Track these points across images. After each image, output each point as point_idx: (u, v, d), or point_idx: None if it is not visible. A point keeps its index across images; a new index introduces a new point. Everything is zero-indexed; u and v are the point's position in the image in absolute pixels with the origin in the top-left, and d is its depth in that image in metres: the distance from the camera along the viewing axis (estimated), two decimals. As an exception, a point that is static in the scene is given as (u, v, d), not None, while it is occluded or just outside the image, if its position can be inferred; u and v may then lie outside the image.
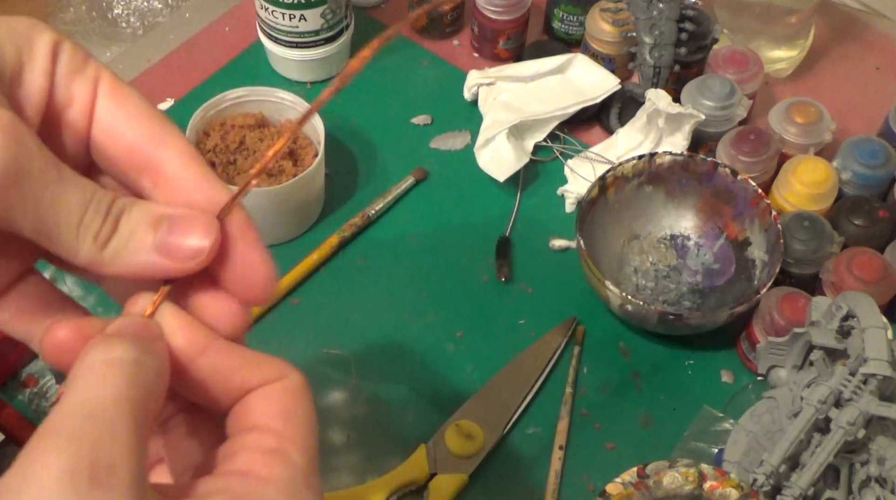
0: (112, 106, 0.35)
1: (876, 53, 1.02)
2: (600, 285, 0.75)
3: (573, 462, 0.73)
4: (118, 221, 0.33)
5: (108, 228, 0.33)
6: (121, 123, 0.35)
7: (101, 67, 0.36)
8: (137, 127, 0.35)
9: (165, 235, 0.33)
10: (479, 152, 0.88)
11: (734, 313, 0.73)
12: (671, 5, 0.87)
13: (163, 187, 0.35)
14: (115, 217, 0.33)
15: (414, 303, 0.81)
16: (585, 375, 0.77)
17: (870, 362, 0.62)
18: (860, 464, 0.64)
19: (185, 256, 0.33)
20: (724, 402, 0.76)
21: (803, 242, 0.77)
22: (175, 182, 0.35)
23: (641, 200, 0.83)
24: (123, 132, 0.35)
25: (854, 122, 0.92)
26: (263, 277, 0.35)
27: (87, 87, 0.35)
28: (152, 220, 0.33)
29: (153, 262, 0.33)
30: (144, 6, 1.52)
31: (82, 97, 0.35)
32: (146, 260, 0.33)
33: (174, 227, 0.33)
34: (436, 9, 0.95)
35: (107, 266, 0.34)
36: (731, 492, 0.61)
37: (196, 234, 0.33)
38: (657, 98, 0.83)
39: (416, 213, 0.87)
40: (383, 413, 0.75)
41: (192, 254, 0.33)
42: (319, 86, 0.95)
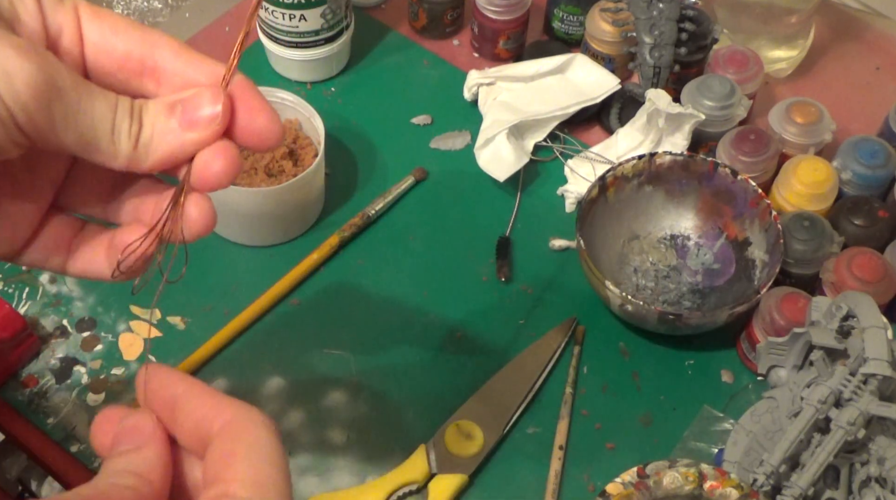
0: (97, 26, 0.39)
1: (876, 53, 1.02)
2: (600, 285, 0.75)
3: (573, 462, 0.73)
4: (141, 119, 0.37)
5: (135, 126, 0.37)
6: (110, 39, 0.39)
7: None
8: (125, 38, 0.39)
9: (182, 114, 0.38)
10: (479, 152, 0.88)
11: (734, 313, 0.73)
12: (671, 5, 0.87)
13: (166, 83, 0.39)
14: (138, 115, 0.37)
15: (414, 303, 0.81)
16: (585, 375, 0.77)
17: (870, 362, 0.62)
18: (860, 464, 0.64)
19: (205, 123, 0.38)
20: (724, 402, 0.76)
21: (803, 242, 0.77)
22: (175, 74, 0.39)
23: (641, 200, 0.83)
24: (115, 45, 0.39)
25: (854, 122, 0.92)
26: (267, 120, 0.39)
27: (70, 15, 0.38)
28: (167, 107, 0.38)
29: (181, 141, 0.38)
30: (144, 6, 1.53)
31: (69, 25, 0.38)
32: (175, 141, 0.38)
33: (187, 105, 0.38)
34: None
35: (143, 161, 0.38)
36: (731, 492, 0.61)
37: (207, 103, 0.38)
38: (657, 98, 0.83)
39: (416, 213, 0.87)
40: (383, 413, 0.75)
41: (209, 120, 0.38)
42: (319, 86, 0.95)
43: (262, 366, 0.77)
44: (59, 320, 0.78)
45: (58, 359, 0.76)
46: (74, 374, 0.75)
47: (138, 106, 0.38)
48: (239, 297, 0.79)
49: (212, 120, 0.38)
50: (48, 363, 0.76)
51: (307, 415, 0.74)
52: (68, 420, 0.73)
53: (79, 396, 0.74)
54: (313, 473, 0.72)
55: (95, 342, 0.77)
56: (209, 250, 0.82)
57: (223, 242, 0.83)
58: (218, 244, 0.83)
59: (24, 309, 0.78)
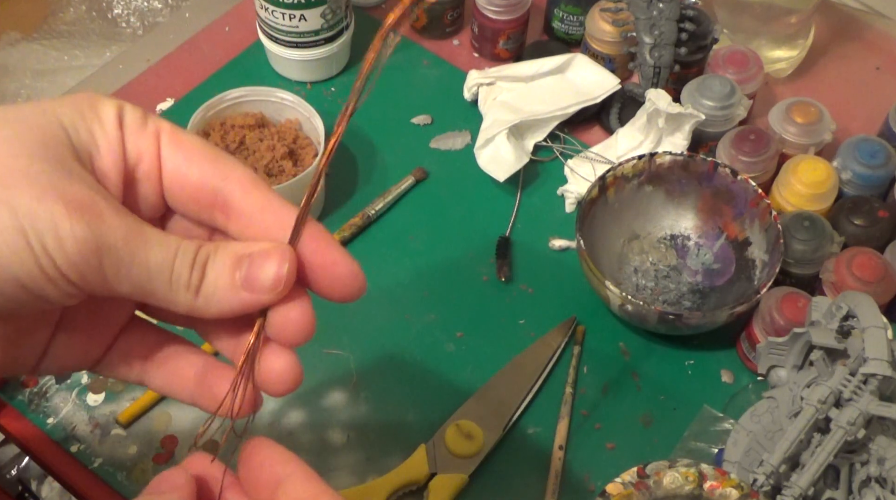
0: (174, 152, 0.38)
1: (876, 53, 1.02)
2: (600, 285, 0.75)
3: (573, 462, 0.73)
4: (205, 269, 0.36)
5: (196, 276, 0.36)
6: (184, 167, 0.38)
7: (160, 121, 0.39)
8: (198, 167, 0.38)
9: (247, 272, 0.37)
10: (479, 152, 0.88)
11: (734, 313, 0.73)
12: (671, 5, 0.87)
13: (234, 219, 0.38)
14: (201, 265, 0.36)
15: (414, 303, 0.81)
16: (585, 375, 0.77)
17: (870, 362, 0.62)
18: (860, 464, 0.64)
19: (267, 287, 0.37)
20: (724, 402, 0.76)
21: (803, 242, 0.77)
22: (244, 212, 0.38)
23: (641, 200, 0.83)
24: (187, 175, 0.38)
25: (854, 122, 0.92)
26: (347, 271, 0.39)
27: (151, 141, 0.38)
28: (234, 260, 0.37)
29: (241, 299, 0.37)
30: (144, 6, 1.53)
31: (149, 152, 0.38)
32: (235, 299, 0.37)
33: (253, 262, 0.37)
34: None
35: (203, 311, 0.37)
36: (731, 492, 0.61)
37: (273, 265, 0.37)
38: (657, 98, 0.83)
39: (416, 213, 0.87)
40: (383, 413, 0.75)
41: (272, 284, 0.37)
42: (319, 86, 0.95)
43: (262, 366, 0.77)
44: (59, 320, 0.78)
45: (58, 359, 0.76)
46: (74, 374, 0.75)
47: (204, 254, 0.37)
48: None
49: (275, 285, 0.37)
50: (48, 363, 0.76)
51: (307, 415, 0.74)
52: (68, 420, 0.73)
53: (79, 396, 0.74)
54: (313, 473, 0.72)
55: (95, 342, 0.77)
56: (209, 250, 0.82)
57: (223, 242, 0.83)
58: (218, 244, 0.83)
59: (24, 309, 0.78)
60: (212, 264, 0.37)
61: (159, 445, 0.72)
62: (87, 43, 1.49)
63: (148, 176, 0.38)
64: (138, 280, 0.35)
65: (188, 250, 0.36)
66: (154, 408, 0.74)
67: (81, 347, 0.40)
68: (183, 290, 0.36)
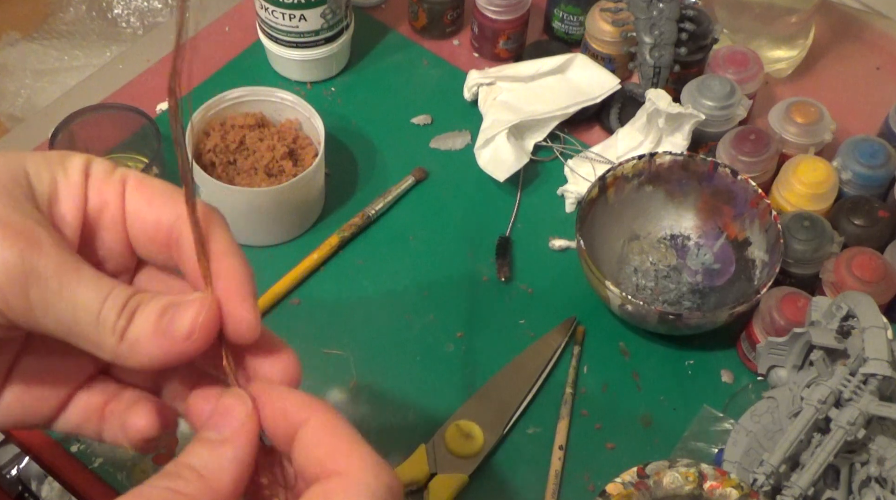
0: (137, 197, 0.38)
1: (876, 53, 1.02)
2: (600, 285, 0.75)
3: (573, 462, 0.73)
4: (133, 316, 0.36)
5: (122, 322, 0.36)
6: (144, 209, 0.38)
7: (128, 171, 0.39)
8: (156, 207, 0.38)
9: (168, 323, 0.36)
10: (479, 152, 0.88)
11: (734, 313, 0.73)
12: (671, 5, 0.87)
13: (184, 258, 0.38)
14: (130, 312, 0.36)
15: (414, 303, 0.81)
16: (585, 375, 0.77)
17: (870, 362, 0.62)
18: (860, 464, 0.64)
19: (182, 335, 0.36)
20: (724, 402, 0.76)
21: (803, 243, 0.77)
22: (187, 250, 0.38)
23: (641, 200, 0.83)
24: (146, 216, 0.38)
25: (854, 122, 0.92)
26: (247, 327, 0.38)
27: (116, 189, 0.38)
28: (162, 309, 0.36)
29: (160, 347, 0.36)
30: (144, 6, 1.53)
31: (114, 200, 0.38)
32: (156, 347, 0.36)
33: (176, 312, 0.36)
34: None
35: (126, 358, 0.36)
36: (731, 492, 0.61)
37: (189, 315, 0.36)
38: (657, 98, 0.83)
39: (416, 213, 0.87)
40: (383, 413, 0.75)
41: (186, 334, 0.36)
42: (319, 86, 0.95)
43: (262, 366, 0.77)
44: (59, 320, 0.78)
45: (58, 359, 0.76)
46: (74, 374, 0.75)
47: (135, 302, 0.36)
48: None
49: (188, 334, 0.36)
50: (48, 363, 0.76)
51: (307, 415, 0.74)
52: (68, 420, 0.73)
53: (79, 396, 0.74)
54: (313, 473, 0.72)
55: (95, 342, 0.77)
56: (209, 250, 0.82)
57: (223, 242, 0.83)
58: (218, 244, 0.83)
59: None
60: (141, 311, 0.36)
61: (159, 445, 0.72)
62: (87, 43, 1.49)
63: (113, 223, 0.38)
64: (64, 316, 0.35)
65: (120, 295, 0.36)
66: (154, 408, 0.74)
67: (35, 401, 0.40)
68: (108, 333, 0.36)
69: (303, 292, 0.81)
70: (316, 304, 0.81)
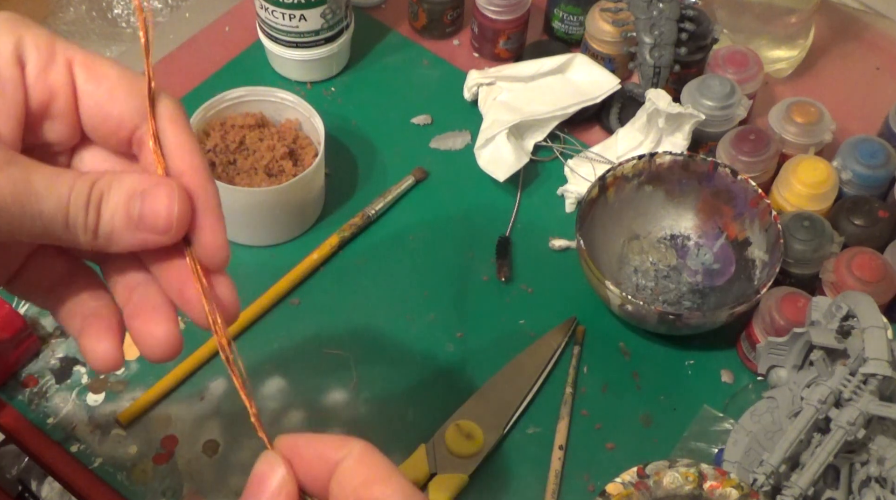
0: (93, 86, 0.37)
1: (876, 53, 1.02)
2: (600, 285, 0.75)
3: (573, 462, 0.73)
4: (99, 209, 0.35)
5: (92, 218, 0.35)
6: (105, 103, 0.37)
7: (71, 49, 0.37)
8: (120, 103, 0.36)
9: (140, 211, 0.35)
10: (479, 152, 0.88)
11: (734, 313, 0.73)
12: (671, 5, 0.87)
13: (146, 156, 0.37)
14: (95, 205, 0.35)
15: (414, 303, 0.81)
16: (585, 375, 0.77)
17: (870, 362, 0.62)
18: (860, 464, 0.64)
19: (161, 228, 0.35)
20: (724, 402, 0.76)
21: (803, 242, 0.77)
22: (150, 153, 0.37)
23: (641, 200, 0.83)
24: (109, 112, 0.37)
25: (854, 122, 0.92)
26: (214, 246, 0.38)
27: (62, 76, 0.36)
28: (127, 200, 0.35)
29: (140, 239, 0.36)
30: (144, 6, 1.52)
31: (63, 88, 0.36)
32: (134, 239, 0.36)
33: (146, 201, 0.35)
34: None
35: (108, 248, 0.36)
36: (731, 492, 0.61)
37: (163, 206, 0.35)
38: (657, 98, 0.83)
39: (416, 213, 0.87)
40: (383, 413, 0.75)
41: (164, 227, 0.35)
42: (319, 86, 0.95)
43: (262, 366, 0.77)
44: (59, 320, 0.78)
45: (58, 359, 0.76)
46: (74, 374, 0.75)
47: (97, 193, 0.35)
48: (239, 297, 0.79)
49: (166, 228, 0.36)
50: (48, 363, 0.76)
51: (307, 415, 0.74)
52: (68, 420, 0.73)
53: (79, 396, 0.74)
54: (313, 473, 0.72)
55: (95, 342, 0.77)
56: (209, 250, 0.82)
57: (223, 242, 0.83)
58: (218, 244, 0.83)
59: (24, 309, 0.78)
60: (105, 203, 0.35)
61: (159, 445, 0.72)
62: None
63: (63, 113, 0.37)
64: (36, 230, 0.34)
65: (81, 192, 0.35)
66: (154, 408, 0.74)
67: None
68: (81, 232, 0.35)
69: (303, 292, 0.81)
70: (316, 304, 0.81)
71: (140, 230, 0.35)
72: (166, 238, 0.36)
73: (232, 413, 0.74)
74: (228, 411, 0.74)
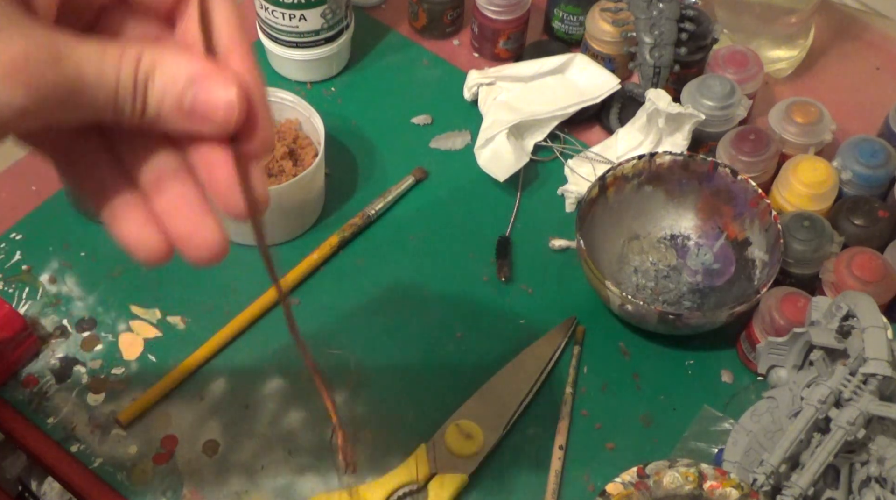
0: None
1: (876, 53, 1.02)
2: (600, 285, 0.75)
3: (573, 462, 0.73)
4: (146, 92, 0.34)
5: (139, 103, 0.34)
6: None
7: None
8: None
9: (190, 102, 0.34)
10: (479, 152, 0.88)
11: (734, 313, 0.73)
12: (671, 5, 0.87)
13: (188, 25, 0.36)
14: (142, 91, 0.34)
15: (414, 303, 0.81)
16: (585, 375, 0.77)
17: (870, 362, 0.62)
18: (860, 464, 0.64)
19: (219, 121, 0.34)
20: (724, 402, 0.76)
21: (803, 242, 0.77)
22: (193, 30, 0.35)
23: (641, 200, 0.83)
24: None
25: (854, 122, 0.92)
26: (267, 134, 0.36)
27: None
28: (174, 84, 0.34)
29: (191, 127, 0.34)
30: None
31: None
32: (181, 126, 0.34)
33: (199, 93, 0.34)
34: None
35: (159, 127, 0.35)
36: (731, 492, 0.61)
37: (220, 100, 0.34)
38: (657, 98, 0.83)
39: (416, 213, 0.87)
40: (383, 413, 0.75)
41: (224, 120, 0.34)
42: (319, 86, 0.95)
43: (262, 366, 0.77)
44: (59, 319, 0.78)
45: (58, 359, 0.76)
46: (74, 374, 0.75)
47: (143, 77, 0.34)
48: (239, 297, 0.80)
49: (225, 122, 0.34)
50: (48, 363, 0.76)
51: (307, 415, 0.74)
52: (68, 420, 0.73)
53: (79, 396, 0.74)
54: (313, 473, 0.72)
55: (95, 342, 0.77)
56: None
57: (223, 242, 0.83)
58: (218, 244, 0.83)
59: (24, 309, 0.78)
60: (151, 86, 0.34)
61: (159, 445, 0.72)
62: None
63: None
64: (89, 116, 0.34)
65: (128, 75, 0.33)
66: (154, 408, 0.74)
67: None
68: (127, 116, 0.34)
69: (303, 292, 0.81)
70: (316, 304, 0.81)
71: (191, 121, 0.34)
72: (219, 131, 0.35)
73: (232, 413, 0.74)
74: (228, 411, 0.74)
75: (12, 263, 0.81)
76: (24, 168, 0.87)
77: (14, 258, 0.82)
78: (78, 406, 0.74)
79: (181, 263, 0.39)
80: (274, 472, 0.71)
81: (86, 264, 0.81)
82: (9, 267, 0.81)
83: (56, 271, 0.81)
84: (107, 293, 0.80)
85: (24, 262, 0.81)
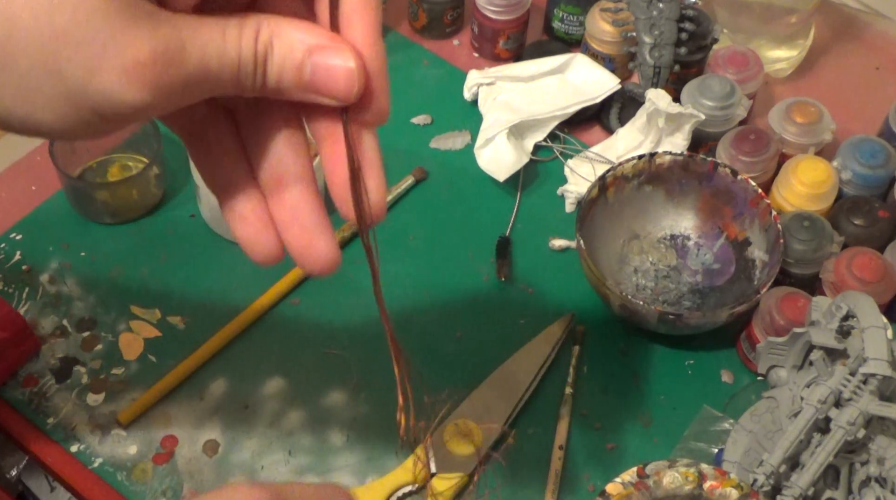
0: None
1: (876, 53, 1.02)
2: (600, 285, 0.75)
3: (573, 462, 0.73)
4: (266, 64, 0.34)
5: (259, 76, 0.34)
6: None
7: None
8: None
9: (310, 74, 0.35)
10: (479, 152, 0.88)
11: (734, 313, 0.73)
12: (671, 5, 0.87)
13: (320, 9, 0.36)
14: (262, 64, 0.34)
15: (414, 303, 0.81)
16: (585, 375, 0.77)
17: (870, 362, 0.62)
18: (860, 464, 0.64)
19: (341, 93, 0.35)
20: (724, 402, 0.76)
21: (803, 242, 0.77)
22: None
23: (641, 200, 0.83)
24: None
25: (854, 122, 0.92)
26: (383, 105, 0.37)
27: None
28: (292, 53, 0.34)
29: (311, 99, 0.35)
30: None
31: None
32: (305, 96, 0.35)
33: (318, 64, 0.34)
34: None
35: (282, 97, 0.36)
36: (731, 492, 0.61)
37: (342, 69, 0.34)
38: (657, 98, 0.83)
39: (416, 213, 0.87)
40: (383, 413, 0.75)
41: (345, 92, 0.35)
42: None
43: (262, 366, 0.77)
44: (59, 320, 0.78)
45: (58, 359, 0.76)
46: (74, 374, 0.75)
47: (262, 49, 0.34)
48: (239, 297, 0.79)
49: (347, 90, 0.35)
50: (48, 363, 0.76)
51: (307, 415, 0.74)
52: (68, 420, 0.73)
53: (79, 396, 0.74)
54: (313, 473, 0.72)
55: (95, 342, 0.77)
56: (209, 250, 0.82)
57: (223, 242, 0.83)
58: (218, 244, 0.83)
59: (24, 309, 0.78)
60: (270, 59, 0.34)
61: (159, 445, 0.72)
62: None
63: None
64: (213, 94, 0.34)
65: (248, 48, 0.34)
66: (154, 408, 0.74)
67: None
68: (251, 88, 0.35)
69: (303, 292, 0.81)
70: (316, 304, 0.81)
71: (312, 90, 0.35)
72: (340, 101, 0.35)
73: (232, 413, 0.74)
74: (228, 411, 0.74)
75: (12, 263, 0.81)
76: (24, 168, 0.88)
77: (14, 258, 0.82)
78: (78, 406, 0.74)
79: (181, 263, 0.39)
80: (274, 472, 0.71)
81: (86, 264, 0.81)
82: (9, 267, 0.81)
83: (56, 271, 0.81)
84: (107, 293, 0.80)
85: (24, 262, 0.81)
